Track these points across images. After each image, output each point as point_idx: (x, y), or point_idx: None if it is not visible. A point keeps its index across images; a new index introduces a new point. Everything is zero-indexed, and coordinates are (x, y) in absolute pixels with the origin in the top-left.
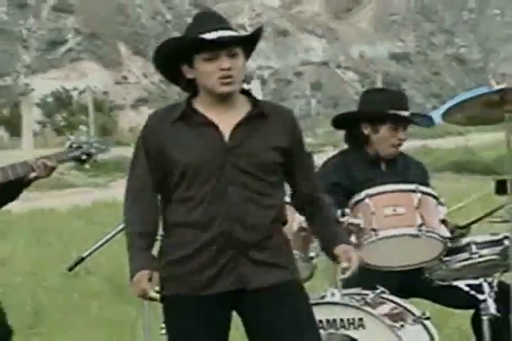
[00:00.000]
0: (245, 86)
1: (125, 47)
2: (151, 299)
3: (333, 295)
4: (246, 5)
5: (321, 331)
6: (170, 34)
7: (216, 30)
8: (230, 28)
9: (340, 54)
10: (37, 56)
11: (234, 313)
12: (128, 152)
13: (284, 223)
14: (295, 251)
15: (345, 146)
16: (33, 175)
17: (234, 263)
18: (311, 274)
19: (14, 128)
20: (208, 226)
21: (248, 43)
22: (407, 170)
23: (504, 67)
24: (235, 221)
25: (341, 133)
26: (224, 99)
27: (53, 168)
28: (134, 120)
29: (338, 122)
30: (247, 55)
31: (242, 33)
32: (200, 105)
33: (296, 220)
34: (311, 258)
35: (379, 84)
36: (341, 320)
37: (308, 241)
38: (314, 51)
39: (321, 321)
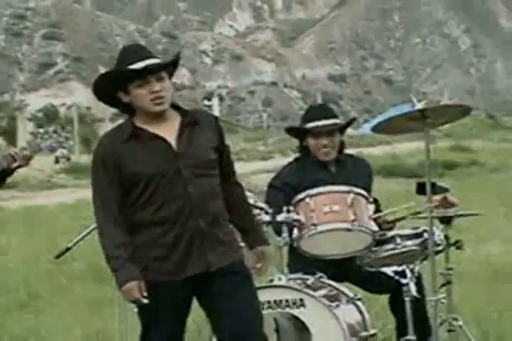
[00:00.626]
0: (206, 102)
1: (105, 69)
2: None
3: (279, 279)
4: (208, 34)
5: (270, 310)
6: None
7: (143, 59)
8: (153, 56)
9: (287, 75)
10: (30, 76)
11: None
12: None
13: None
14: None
15: (291, 154)
16: (15, 164)
17: (201, 250)
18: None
19: (11, 137)
20: (175, 222)
21: (171, 67)
22: (355, 170)
23: (424, 87)
24: (198, 214)
25: (287, 142)
26: (159, 116)
27: (31, 157)
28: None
29: (289, 133)
30: (171, 75)
31: (167, 60)
32: (141, 123)
33: None
34: None
35: (319, 101)
36: (286, 300)
37: None
38: (265, 73)
39: (269, 301)
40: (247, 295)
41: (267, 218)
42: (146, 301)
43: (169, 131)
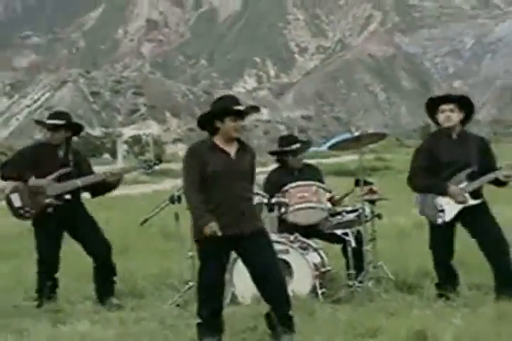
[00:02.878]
0: None
1: (170, 114)
2: (212, 234)
3: (271, 237)
4: (229, 92)
5: None
6: (193, 108)
7: (239, 104)
8: (241, 105)
9: (277, 116)
10: (125, 118)
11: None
12: (170, 166)
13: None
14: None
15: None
16: (109, 179)
17: (238, 221)
18: None
19: (113, 154)
20: (225, 200)
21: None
22: (310, 174)
23: (359, 122)
24: (238, 198)
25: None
26: (231, 140)
27: (121, 177)
28: (173, 150)
29: (270, 154)
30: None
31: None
32: (219, 141)
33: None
34: None
35: (296, 132)
36: (278, 250)
37: None
38: (263, 115)
39: None
40: (270, 251)
41: (265, 200)
42: (220, 233)
43: (232, 149)
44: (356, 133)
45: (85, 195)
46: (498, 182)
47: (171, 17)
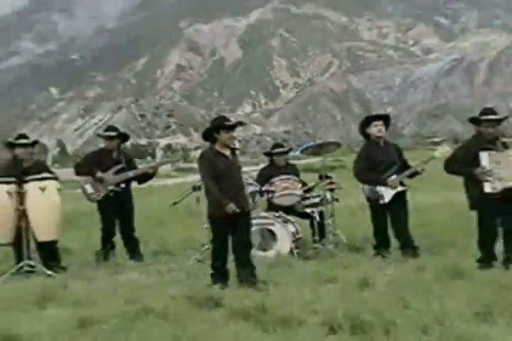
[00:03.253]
0: (237, 144)
1: (193, 129)
2: (233, 212)
3: (260, 213)
4: (232, 115)
5: (259, 226)
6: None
7: (230, 121)
8: (230, 121)
9: (267, 131)
10: (161, 132)
11: None
12: (192, 165)
13: None
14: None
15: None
16: (149, 171)
17: (239, 202)
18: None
19: (153, 157)
20: (231, 188)
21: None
22: (290, 170)
23: (322, 136)
24: (238, 187)
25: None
26: (226, 147)
27: (156, 168)
28: (195, 154)
29: (264, 154)
30: None
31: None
32: (219, 149)
33: None
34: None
35: (280, 141)
36: (266, 223)
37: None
38: (257, 130)
39: (259, 223)
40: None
41: (257, 189)
42: (238, 210)
43: (227, 153)
44: (320, 142)
45: (134, 185)
46: (412, 175)
47: (193, 63)
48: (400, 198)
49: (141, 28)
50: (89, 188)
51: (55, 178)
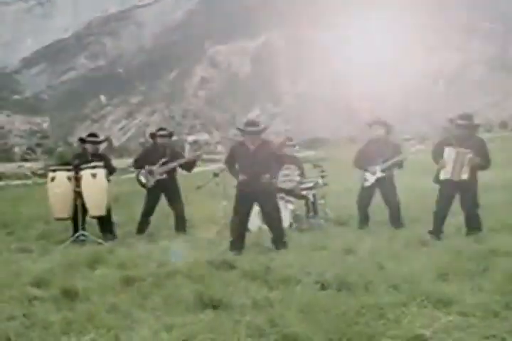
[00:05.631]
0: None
1: (214, 129)
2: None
3: None
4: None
5: None
6: (226, 126)
7: (252, 126)
8: (256, 125)
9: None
10: (189, 130)
11: None
12: (214, 156)
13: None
14: None
15: None
16: (190, 160)
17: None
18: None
19: (183, 151)
20: (248, 173)
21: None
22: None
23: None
24: (258, 174)
25: None
26: (253, 139)
27: (195, 160)
28: (221, 151)
29: None
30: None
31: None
32: (245, 141)
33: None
34: None
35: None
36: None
37: None
38: None
39: None
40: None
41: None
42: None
43: (251, 146)
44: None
45: (181, 172)
46: (400, 166)
47: (214, 76)
48: (389, 182)
49: (173, 48)
50: (143, 178)
51: (104, 167)
